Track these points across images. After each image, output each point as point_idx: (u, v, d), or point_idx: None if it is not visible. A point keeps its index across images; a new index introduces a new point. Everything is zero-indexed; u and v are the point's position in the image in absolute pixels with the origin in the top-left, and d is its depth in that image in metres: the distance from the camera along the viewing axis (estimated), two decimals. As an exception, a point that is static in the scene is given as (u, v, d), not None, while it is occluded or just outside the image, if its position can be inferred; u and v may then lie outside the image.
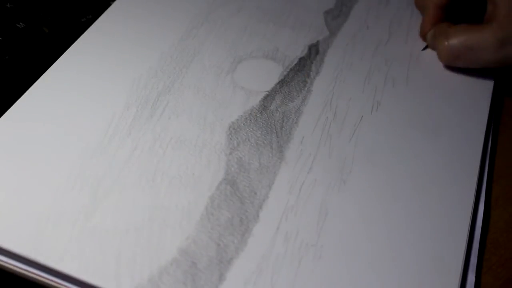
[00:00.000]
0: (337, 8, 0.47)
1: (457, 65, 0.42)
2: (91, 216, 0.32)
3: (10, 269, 0.31)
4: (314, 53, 0.43)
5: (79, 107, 0.38)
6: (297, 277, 0.31)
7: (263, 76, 0.41)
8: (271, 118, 0.39)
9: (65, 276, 0.30)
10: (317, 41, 0.44)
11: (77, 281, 0.30)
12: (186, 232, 0.32)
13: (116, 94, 0.39)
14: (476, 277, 0.33)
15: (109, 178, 0.34)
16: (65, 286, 0.31)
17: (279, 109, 0.39)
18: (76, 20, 0.46)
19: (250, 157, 0.36)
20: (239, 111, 0.39)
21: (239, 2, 0.47)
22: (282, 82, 0.41)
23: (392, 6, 0.48)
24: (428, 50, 0.44)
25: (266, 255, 0.32)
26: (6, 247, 0.31)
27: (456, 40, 0.40)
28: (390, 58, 0.44)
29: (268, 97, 0.40)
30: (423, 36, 0.44)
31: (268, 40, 0.44)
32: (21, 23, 0.46)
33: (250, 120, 0.38)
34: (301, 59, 0.43)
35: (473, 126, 0.40)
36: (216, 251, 0.32)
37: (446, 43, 0.41)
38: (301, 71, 0.42)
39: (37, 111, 0.37)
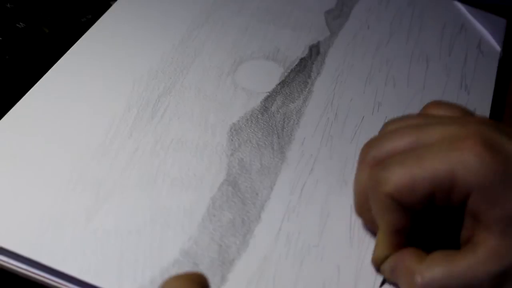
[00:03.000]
0: (338, 8, 0.47)
1: None
2: (92, 217, 0.32)
3: (13, 269, 0.31)
4: (315, 53, 0.43)
5: (80, 108, 0.38)
6: (299, 278, 0.31)
7: (264, 77, 0.41)
8: (272, 119, 0.39)
9: (67, 277, 0.30)
10: (318, 42, 0.44)
11: (79, 282, 0.30)
12: (188, 233, 0.32)
13: (117, 95, 0.39)
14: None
15: (110, 179, 0.34)
16: (67, 287, 0.31)
17: (280, 110, 0.39)
18: (76, 20, 0.46)
19: (252, 158, 0.36)
20: (240, 112, 0.39)
21: (239, 3, 0.46)
22: (283, 83, 0.41)
23: (392, 6, 0.48)
24: None
25: (268, 256, 0.32)
26: (9, 248, 0.31)
27: (434, 277, 0.29)
28: (391, 58, 0.44)
29: (269, 98, 0.40)
30: (376, 264, 0.32)
31: (269, 40, 0.44)
32: (21, 23, 0.46)
33: (251, 121, 0.38)
34: (302, 59, 0.43)
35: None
36: (218, 252, 0.32)
37: (418, 280, 0.29)
38: (302, 71, 0.42)
39: (38, 112, 0.37)
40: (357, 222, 0.34)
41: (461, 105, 0.34)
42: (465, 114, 0.33)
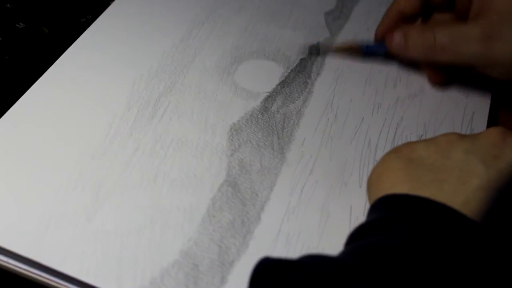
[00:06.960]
0: (338, 10, 0.47)
1: (438, 58, 0.39)
2: (92, 217, 0.32)
3: (13, 269, 0.31)
4: (315, 54, 0.43)
5: (79, 108, 0.38)
6: (298, 279, 0.31)
7: (264, 77, 0.41)
8: (272, 120, 0.39)
9: (67, 277, 0.30)
10: (318, 42, 0.44)
11: (79, 283, 0.30)
12: (187, 234, 0.32)
13: (117, 94, 0.39)
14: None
15: (110, 179, 0.34)
16: (67, 287, 0.31)
17: (280, 110, 0.39)
18: (76, 20, 0.46)
19: (252, 158, 0.36)
20: (240, 112, 0.39)
21: (240, 2, 0.46)
22: (283, 83, 0.41)
23: (392, 7, 0.48)
24: None
25: (267, 257, 0.32)
26: (9, 248, 0.31)
27: (445, 32, 0.38)
28: (390, 60, 0.44)
29: (269, 98, 0.40)
30: (381, 33, 0.42)
31: (269, 40, 0.44)
32: (21, 23, 0.46)
33: (251, 122, 0.38)
34: (302, 60, 0.43)
35: (472, 131, 0.40)
36: (217, 253, 0.32)
37: (432, 35, 0.38)
38: (302, 72, 0.42)
39: (38, 111, 0.37)
40: (357, 223, 0.34)
41: None
42: None
